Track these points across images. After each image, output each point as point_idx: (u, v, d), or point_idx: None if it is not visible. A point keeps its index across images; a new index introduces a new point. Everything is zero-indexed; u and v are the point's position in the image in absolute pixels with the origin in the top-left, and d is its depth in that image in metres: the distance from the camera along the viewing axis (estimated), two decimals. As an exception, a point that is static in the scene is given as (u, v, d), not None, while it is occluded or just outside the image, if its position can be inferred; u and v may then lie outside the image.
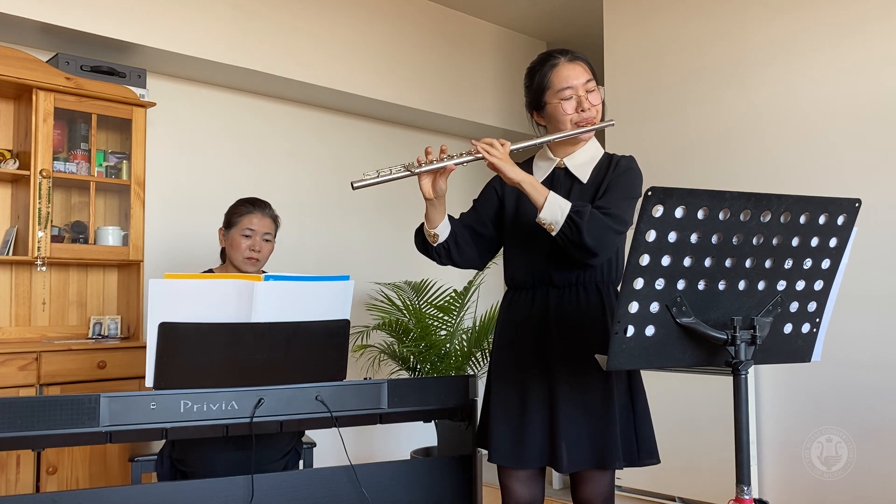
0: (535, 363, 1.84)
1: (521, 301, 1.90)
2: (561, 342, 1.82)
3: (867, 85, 2.90)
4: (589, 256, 1.73)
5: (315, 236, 4.16)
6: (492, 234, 1.99)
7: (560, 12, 4.53)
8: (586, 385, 1.79)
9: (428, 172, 1.80)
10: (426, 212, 1.88)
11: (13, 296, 3.14)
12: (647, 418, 1.85)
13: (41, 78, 2.96)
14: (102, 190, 3.32)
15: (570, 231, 1.70)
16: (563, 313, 1.84)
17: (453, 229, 1.92)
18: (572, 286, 1.85)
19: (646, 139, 3.56)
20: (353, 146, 4.37)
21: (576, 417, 1.78)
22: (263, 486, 1.90)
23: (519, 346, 1.88)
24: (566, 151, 1.91)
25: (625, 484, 3.41)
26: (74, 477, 2.88)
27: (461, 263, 1.97)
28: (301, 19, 3.78)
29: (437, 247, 1.91)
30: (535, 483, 1.90)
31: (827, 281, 1.50)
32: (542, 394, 1.81)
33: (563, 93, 1.84)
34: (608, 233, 1.72)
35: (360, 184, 1.76)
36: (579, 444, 1.77)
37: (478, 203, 2.02)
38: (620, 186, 1.81)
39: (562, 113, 1.85)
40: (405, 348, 3.62)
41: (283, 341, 1.97)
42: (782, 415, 3.05)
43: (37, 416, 1.67)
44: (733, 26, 3.28)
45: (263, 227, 2.51)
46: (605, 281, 1.87)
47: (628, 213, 1.78)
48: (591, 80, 1.86)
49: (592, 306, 1.84)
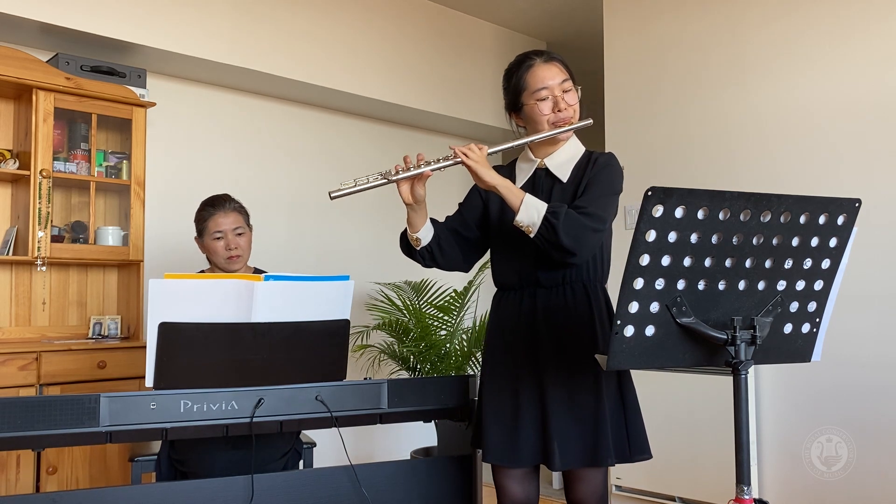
0: (526, 363, 1.85)
1: (510, 301, 1.92)
2: (550, 341, 1.83)
3: (867, 85, 2.90)
4: (568, 256, 1.74)
5: (315, 236, 4.16)
6: (476, 236, 2.00)
7: (560, 12, 4.53)
8: (576, 383, 1.80)
9: (405, 179, 1.82)
10: (408, 217, 1.91)
11: (13, 296, 3.14)
12: (637, 414, 1.86)
13: (41, 78, 2.96)
14: (102, 190, 3.32)
15: (546, 232, 1.71)
16: (550, 313, 1.85)
17: (436, 232, 1.94)
18: (559, 286, 1.87)
19: (646, 139, 3.56)
20: (352, 146, 4.37)
21: (567, 416, 1.79)
22: (263, 486, 1.90)
23: (509, 346, 1.89)
24: (546, 152, 1.92)
25: (625, 484, 3.41)
26: (74, 477, 2.88)
27: (445, 266, 1.99)
28: (301, 19, 3.78)
29: (420, 250, 1.94)
30: (530, 482, 1.91)
31: (827, 281, 1.50)
32: (533, 393, 1.82)
33: (539, 93, 1.85)
34: (585, 232, 1.73)
35: (337, 193, 1.77)
36: (571, 442, 1.78)
37: (463, 206, 2.04)
38: (598, 184, 1.82)
39: (538, 114, 1.86)
40: (405, 348, 3.62)
41: (283, 341, 1.97)
42: (782, 415, 3.05)
43: (37, 416, 1.67)
44: (733, 26, 3.28)
45: (231, 223, 2.43)
46: (591, 280, 1.89)
47: (607, 210, 1.79)
48: (567, 80, 1.88)
49: (580, 305, 1.85)
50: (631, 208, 3.56)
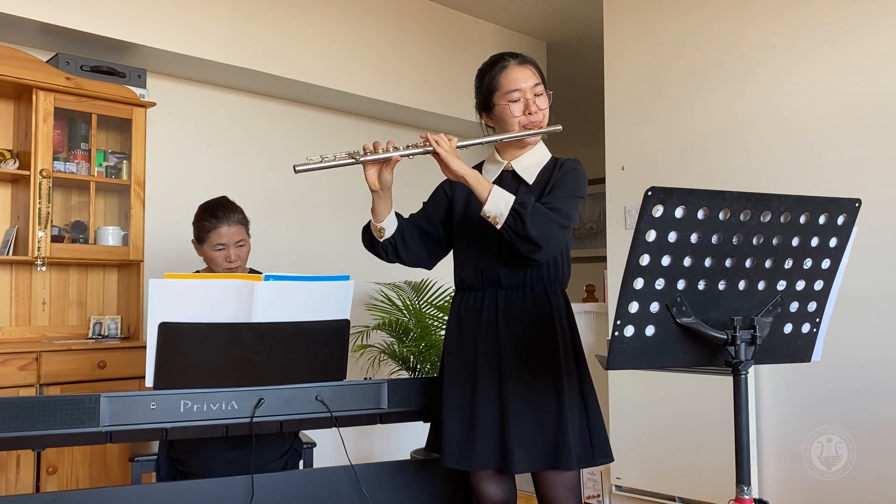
0: (486, 364, 1.84)
1: (471, 302, 1.92)
2: (510, 343, 1.83)
3: (867, 85, 2.90)
4: (535, 249, 1.74)
5: (315, 236, 4.16)
6: (441, 234, 2.01)
7: (560, 12, 4.53)
8: (537, 386, 1.80)
9: (373, 162, 1.82)
10: (372, 205, 1.90)
11: (13, 296, 3.14)
12: (599, 418, 1.86)
13: (41, 78, 2.96)
14: (102, 190, 3.32)
15: (514, 223, 1.72)
16: (511, 315, 1.85)
17: (401, 226, 1.95)
18: (520, 286, 1.87)
19: (646, 139, 3.56)
20: (353, 146, 4.36)
21: (526, 419, 1.78)
22: (263, 486, 1.90)
23: (469, 346, 1.88)
24: (514, 154, 1.94)
25: (625, 484, 3.41)
26: (74, 477, 2.88)
27: (409, 261, 1.99)
28: (301, 19, 3.78)
29: (383, 242, 1.94)
30: (506, 481, 1.91)
31: (827, 281, 1.50)
32: (492, 394, 1.82)
33: (511, 95, 1.87)
34: (552, 225, 1.73)
35: (302, 167, 1.75)
36: (530, 445, 1.77)
37: (427, 204, 2.05)
38: (564, 185, 1.84)
39: (509, 115, 1.87)
40: (405, 348, 3.62)
41: (283, 341, 1.97)
42: (782, 415, 3.05)
43: (37, 416, 1.67)
44: (734, 26, 3.28)
45: (233, 236, 2.39)
46: (551, 282, 1.89)
47: (572, 209, 1.81)
48: (539, 84, 1.89)
49: (540, 307, 1.85)
50: (631, 208, 3.56)
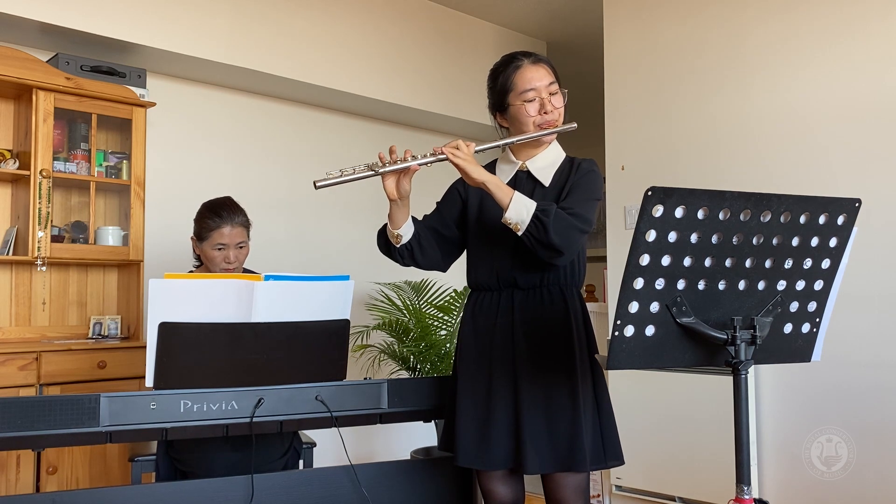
0: (501, 364, 1.84)
1: (486, 303, 1.91)
2: (526, 343, 1.83)
3: (867, 85, 2.90)
4: (556, 256, 1.74)
5: (315, 236, 4.16)
6: (455, 235, 2.00)
7: (560, 12, 4.53)
8: (552, 387, 1.80)
9: (392, 173, 1.81)
10: (390, 212, 1.89)
11: (13, 296, 3.14)
12: (611, 420, 1.86)
13: (41, 78, 2.96)
14: (102, 190, 3.32)
15: (536, 230, 1.71)
16: (527, 316, 1.85)
17: (417, 230, 1.93)
18: (536, 288, 1.86)
19: (646, 139, 3.56)
20: (352, 146, 4.37)
21: (541, 420, 1.78)
22: (263, 486, 1.90)
23: (484, 347, 1.88)
24: (528, 154, 1.92)
25: (625, 484, 3.41)
26: (74, 477, 2.88)
27: (424, 265, 1.98)
28: (301, 19, 3.78)
29: (399, 248, 1.92)
30: (515, 481, 1.91)
31: (827, 281, 1.50)
32: (507, 395, 1.82)
33: (526, 94, 1.85)
34: (574, 231, 1.73)
35: (322, 183, 1.76)
36: (545, 446, 1.77)
37: (441, 205, 2.03)
38: (583, 188, 1.83)
39: (525, 115, 1.86)
40: (405, 348, 3.62)
41: (283, 341, 1.97)
42: (782, 415, 3.05)
43: (37, 416, 1.67)
44: (734, 26, 3.28)
45: (235, 237, 2.39)
46: (567, 284, 1.88)
47: (591, 213, 1.80)
48: (553, 82, 1.88)
49: (556, 308, 1.85)
50: (631, 208, 3.56)
